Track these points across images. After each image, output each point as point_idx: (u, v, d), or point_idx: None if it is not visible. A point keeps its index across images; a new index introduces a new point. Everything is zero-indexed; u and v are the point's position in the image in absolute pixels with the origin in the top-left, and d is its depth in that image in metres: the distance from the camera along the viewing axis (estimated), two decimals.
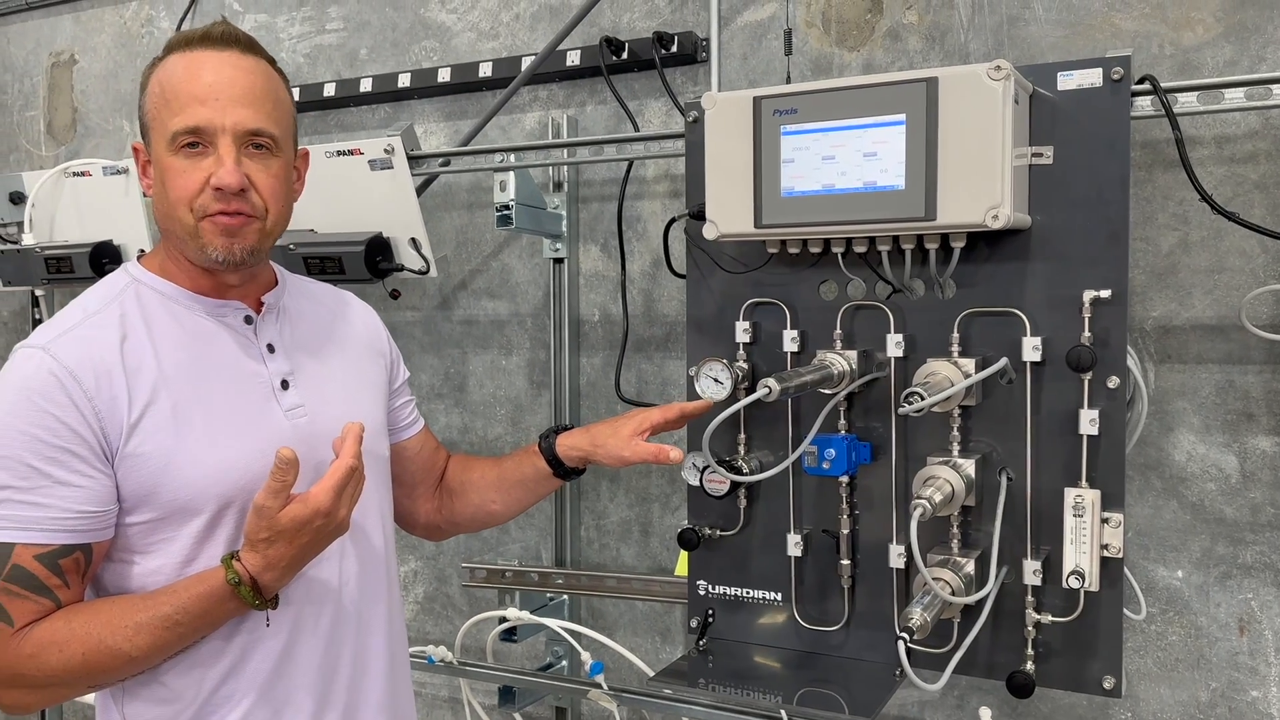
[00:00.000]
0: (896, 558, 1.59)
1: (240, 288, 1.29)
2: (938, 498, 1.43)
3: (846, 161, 1.46)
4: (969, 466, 1.49)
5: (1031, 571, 1.49)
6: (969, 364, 1.49)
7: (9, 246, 2.55)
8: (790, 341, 1.63)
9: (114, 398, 1.17)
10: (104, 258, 2.42)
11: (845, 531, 1.61)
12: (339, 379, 1.37)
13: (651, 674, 1.70)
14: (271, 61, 1.28)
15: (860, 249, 1.54)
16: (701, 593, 1.74)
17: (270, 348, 1.30)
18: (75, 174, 2.50)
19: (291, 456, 1.14)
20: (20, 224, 2.54)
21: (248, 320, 1.29)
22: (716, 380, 1.62)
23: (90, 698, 1.31)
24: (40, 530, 1.14)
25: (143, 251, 2.43)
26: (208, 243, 1.21)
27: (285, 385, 1.29)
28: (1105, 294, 1.43)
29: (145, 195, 1.26)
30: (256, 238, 1.24)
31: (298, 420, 1.28)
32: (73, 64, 2.92)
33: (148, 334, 1.22)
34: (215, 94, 1.20)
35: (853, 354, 1.56)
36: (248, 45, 1.25)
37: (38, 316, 2.82)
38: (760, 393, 1.40)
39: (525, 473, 1.56)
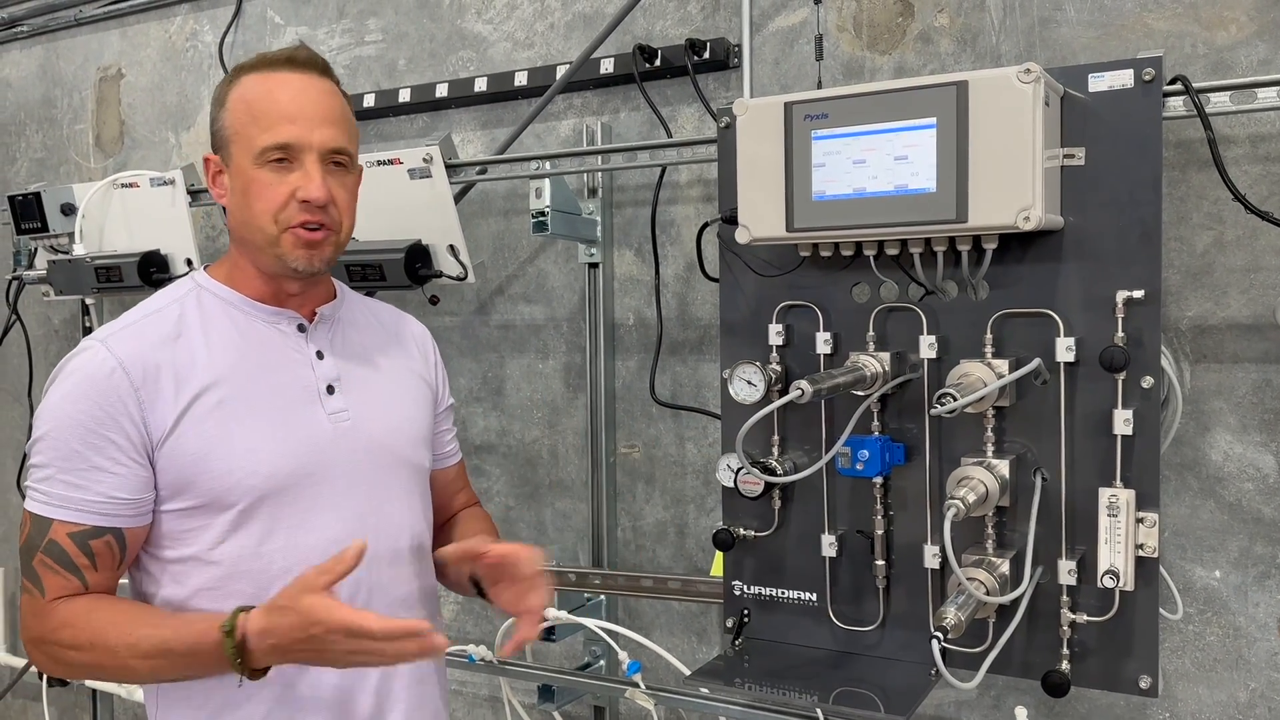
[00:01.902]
0: (931, 558, 1.59)
1: (299, 296, 1.35)
2: (971, 498, 1.44)
3: (877, 165, 1.47)
4: (1003, 467, 1.50)
5: (1066, 571, 1.49)
6: (1002, 365, 1.50)
7: (60, 256, 2.62)
8: (823, 344, 1.64)
9: (159, 391, 1.23)
10: (152, 267, 2.48)
11: (880, 532, 1.62)
12: (386, 390, 1.41)
13: (688, 673, 1.71)
14: (339, 84, 1.35)
15: (892, 251, 1.55)
16: (737, 593, 1.76)
17: (320, 354, 1.35)
18: (123, 185, 2.57)
19: (360, 547, 1.14)
20: (71, 235, 2.61)
21: (301, 328, 1.35)
22: (750, 382, 1.64)
23: (139, 695, 1.37)
24: (75, 510, 1.22)
25: (190, 261, 2.49)
26: (287, 253, 1.28)
27: (331, 390, 1.34)
28: (1138, 294, 1.43)
29: (218, 204, 1.32)
30: (331, 249, 1.31)
31: (340, 424, 1.33)
32: (120, 78, 2.99)
33: (203, 333, 1.29)
34: (303, 113, 1.27)
35: (886, 356, 1.58)
36: (324, 69, 1.33)
37: (88, 324, 2.89)
38: (793, 394, 1.42)
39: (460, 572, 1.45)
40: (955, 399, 1.38)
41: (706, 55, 2.05)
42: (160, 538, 1.27)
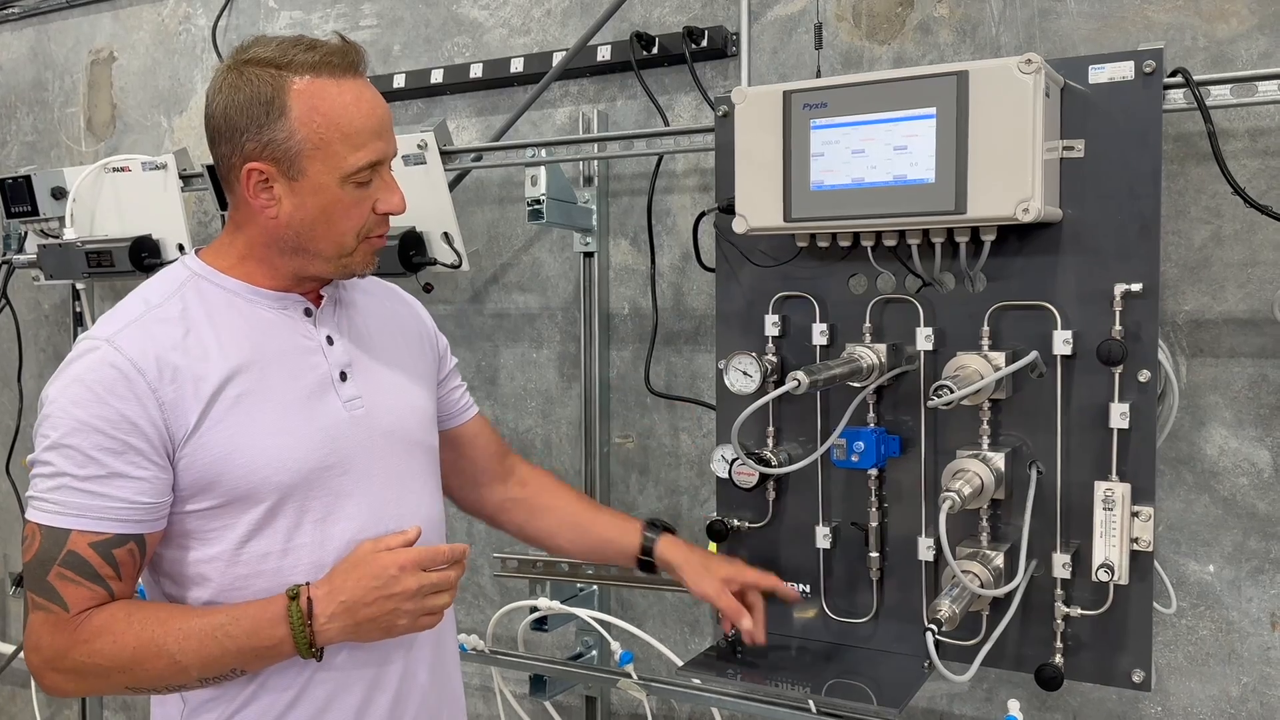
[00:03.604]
0: (925, 550, 1.59)
1: (313, 289, 1.33)
2: (967, 490, 1.43)
3: (876, 155, 1.46)
4: (999, 460, 1.50)
5: (1061, 565, 1.49)
6: (999, 357, 1.49)
7: (51, 241, 2.60)
8: (819, 335, 1.64)
9: (179, 390, 1.19)
10: (143, 252, 2.46)
11: (874, 524, 1.62)
12: (394, 371, 1.39)
13: (680, 664, 1.71)
14: None
15: (890, 242, 1.54)
16: None
17: (330, 339, 1.32)
18: (115, 169, 2.55)
19: (418, 530, 1.26)
20: (62, 219, 2.59)
21: (307, 313, 1.31)
22: (745, 373, 1.63)
23: None
24: (96, 519, 1.16)
25: (182, 247, 2.47)
26: (359, 263, 1.29)
27: (344, 377, 1.31)
28: (1136, 287, 1.43)
29: (264, 214, 1.24)
30: None
31: (355, 411, 1.30)
32: (112, 61, 2.96)
33: (211, 326, 1.24)
34: (385, 126, 1.26)
35: (882, 347, 1.57)
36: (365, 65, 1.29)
37: (78, 309, 2.88)
38: (789, 385, 1.41)
39: (612, 540, 1.62)
40: (952, 391, 1.38)
41: (704, 43, 2.04)
42: (184, 537, 1.23)
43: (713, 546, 1.79)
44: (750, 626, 1.52)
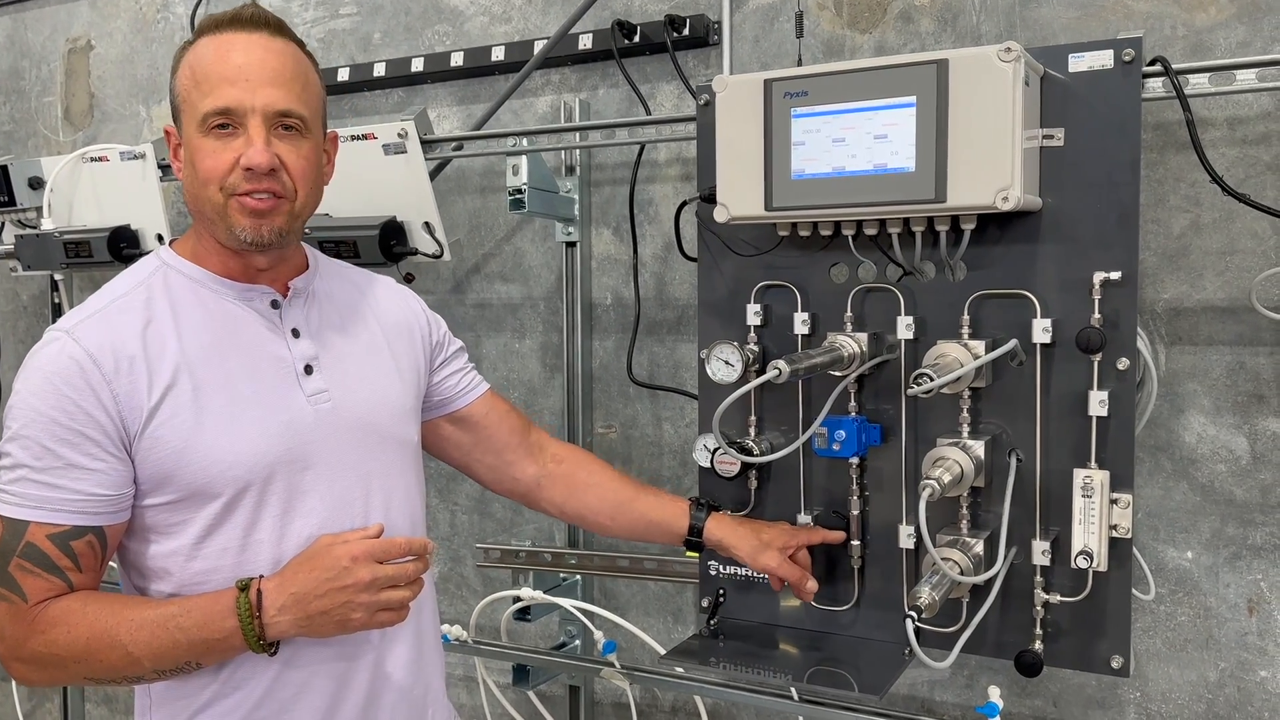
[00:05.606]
0: (906, 538, 1.60)
1: (270, 271, 1.30)
2: (947, 478, 1.44)
3: (857, 144, 1.46)
4: (978, 448, 1.50)
5: (1040, 552, 1.50)
6: (979, 346, 1.49)
7: (28, 231, 2.57)
8: (801, 324, 1.64)
9: (134, 382, 1.18)
10: (122, 242, 2.44)
11: (855, 512, 1.62)
12: (366, 364, 1.36)
13: (663, 653, 1.71)
14: (301, 45, 1.29)
15: (871, 231, 1.54)
16: (712, 573, 1.76)
17: (295, 332, 1.30)
18: (93, 159, 2.52)
19: (380, 527, 1.25)
20: (39, 209, 2.56)
21: (274, 304, 1.30)
22: (727, 363, 1.63)
23: None
24: (53, 510, 1.16)
25: (161, 237, 2.45)
26: (235, 223, 1.22)
27: (309, 370, 1.29)
28: (1115, 276, 1.43)
29: (178, 178, 1.27)
30: (285, 219, 1.24)
31: (320, 405, 1.29)
32: (89, 49, 2.94)
33: (172, 318, 1.23)
34: (245, 75, 1.21)
35: (863, 336, 1.57)
36: (277, 27, 1.26)
37: (56, 300, 2.85)
38: (770, 374, 1.41)
39: (657, 520, 1.60)
40: (932, 379, 1.38)
41: (686, 32, 2.03)
42: (145, 531, 1.23)
43: (691, 555, 1.79)
44: (815, 589, 1.57)
